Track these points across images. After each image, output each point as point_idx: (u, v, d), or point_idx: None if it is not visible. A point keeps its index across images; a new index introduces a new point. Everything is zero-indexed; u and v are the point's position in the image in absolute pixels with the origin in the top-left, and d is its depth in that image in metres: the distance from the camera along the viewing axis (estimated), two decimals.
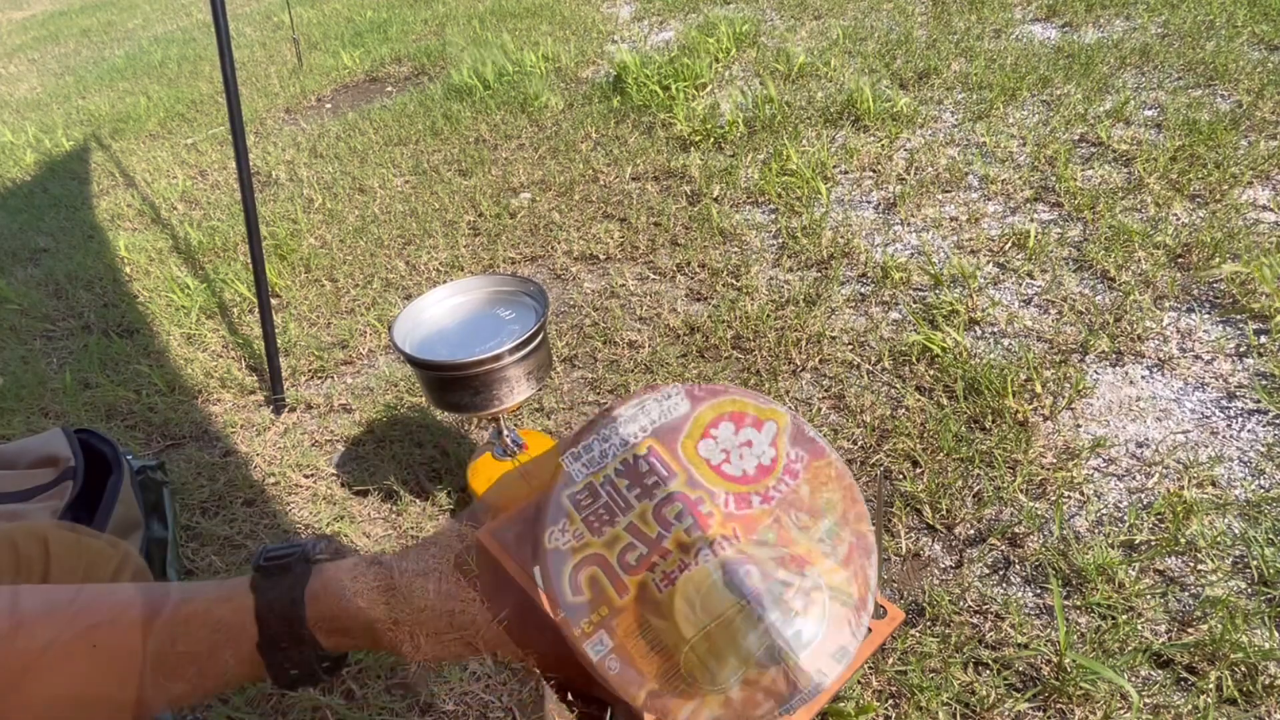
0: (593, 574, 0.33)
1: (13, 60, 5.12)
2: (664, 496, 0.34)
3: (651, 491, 0.34)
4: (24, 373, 1.73)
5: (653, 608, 0.33)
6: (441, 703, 0.97)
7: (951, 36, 2.53)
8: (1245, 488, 1.04)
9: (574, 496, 0.34)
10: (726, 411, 0.36)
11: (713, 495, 0.35)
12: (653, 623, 0.33)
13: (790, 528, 0.35)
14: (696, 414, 0.36)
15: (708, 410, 0.36)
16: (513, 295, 1.12)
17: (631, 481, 0.34)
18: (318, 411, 1.49)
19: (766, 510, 0.35)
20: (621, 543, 0.34)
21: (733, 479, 0.35)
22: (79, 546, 0.69)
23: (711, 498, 0.35)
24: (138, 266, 2.12)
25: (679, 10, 3.34)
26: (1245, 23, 2.24)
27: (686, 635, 0.32)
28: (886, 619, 0.90)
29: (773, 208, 1.84)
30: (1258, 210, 1.53)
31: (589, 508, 0.34)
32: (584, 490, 0.34)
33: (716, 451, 0.35)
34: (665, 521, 0.34)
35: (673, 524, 0.34)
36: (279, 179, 2.50)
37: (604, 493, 0.34)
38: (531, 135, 2.45)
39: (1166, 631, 0.90)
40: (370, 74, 3.40)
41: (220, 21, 1.35)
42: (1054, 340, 1.33)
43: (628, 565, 0.33)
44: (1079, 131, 1.89)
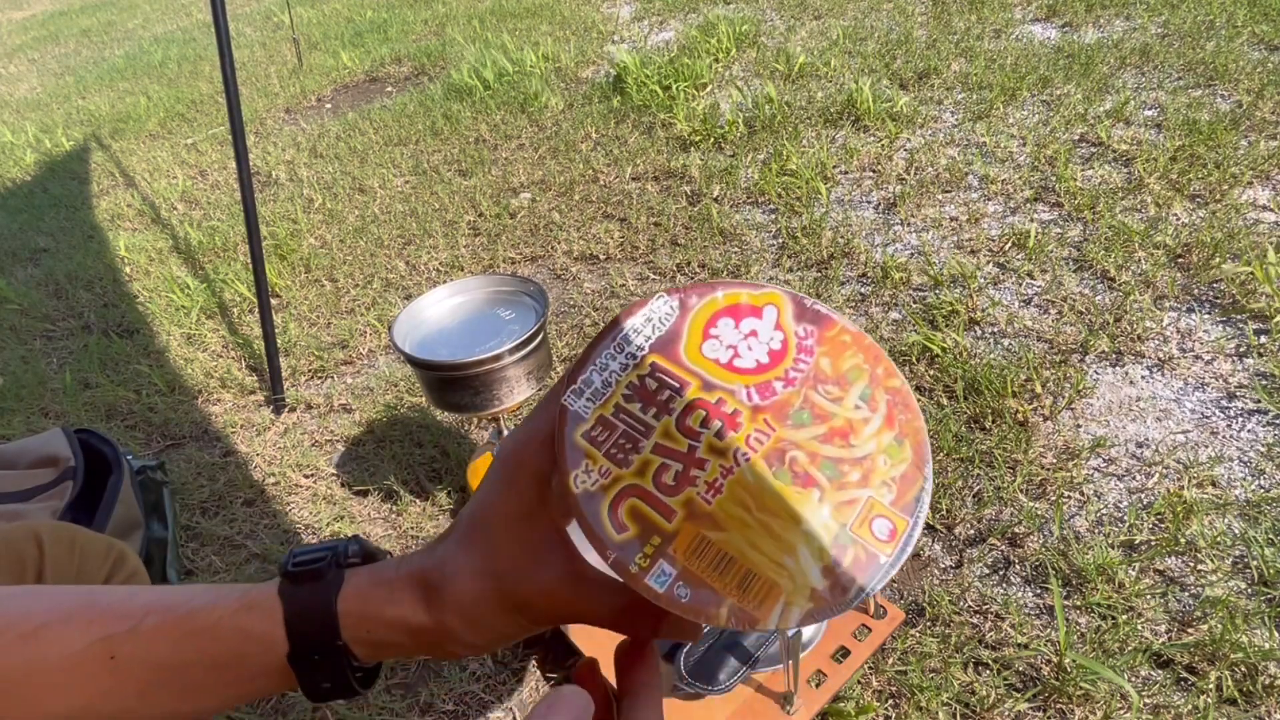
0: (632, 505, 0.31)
1: (13, 60, 5.12)
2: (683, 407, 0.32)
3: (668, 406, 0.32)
4: (24, 373, 1.73)
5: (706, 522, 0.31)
6: (441, 703, 0.97)
7: (951, 36, 2.53)
8: (1245, 488, 1.04)
9: (588, 434, 0.32)
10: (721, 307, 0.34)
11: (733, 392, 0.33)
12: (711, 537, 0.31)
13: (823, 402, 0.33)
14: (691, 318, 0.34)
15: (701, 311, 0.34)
16: (513, 295, 1.12)
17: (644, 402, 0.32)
18: (318, 411, 1.49)
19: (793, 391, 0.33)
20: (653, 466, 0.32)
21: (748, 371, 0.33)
22: (74, 545, 0.69)
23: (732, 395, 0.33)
24: (138, 266, 2.12)
25: (679, 10, 3.34)
26: (1245, 23, 2.24)
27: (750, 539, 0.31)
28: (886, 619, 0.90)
29: (773, 208, 1.85)
30: (1258, 210, 1.53)
31: (607, 441, 0.32)
32: (596, 425, 0.32)
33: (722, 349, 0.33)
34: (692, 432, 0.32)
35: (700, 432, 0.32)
36: (279, 179, 2.50)
37: (618, 421, 0.32)
38: (531, 135, 2.45)
39: (1166, 631, 0.90)
40: (370, 74, 3.40)
41: (220, 21, 1.36)
42: (1054, 340, 1.33)
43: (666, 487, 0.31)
44: (1079, 131, 1.89)
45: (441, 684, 0.98)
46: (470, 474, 1.17)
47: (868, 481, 0.32)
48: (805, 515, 0.31)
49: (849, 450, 0.32)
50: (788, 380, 0.33)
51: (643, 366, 0.33)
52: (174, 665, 0.33)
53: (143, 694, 0.33)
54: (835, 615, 0.30)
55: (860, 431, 0.32)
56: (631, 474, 0.31)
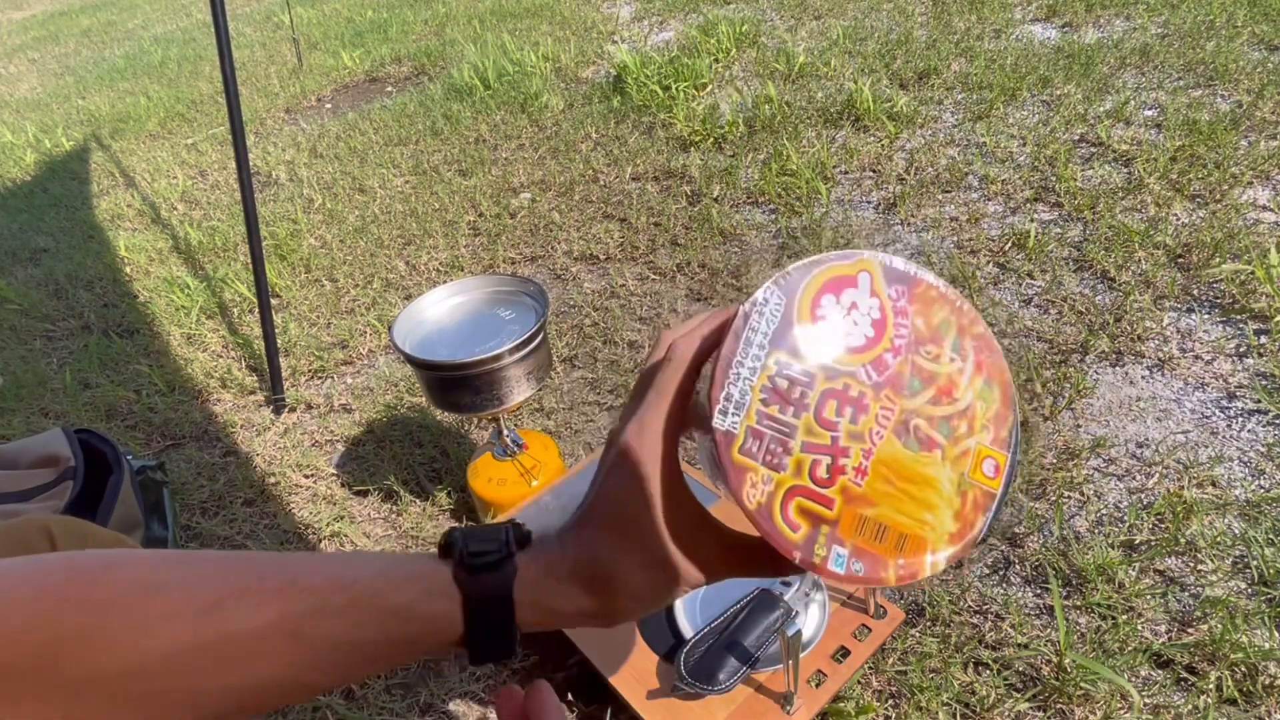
0: (799, 504, 0.35)
1: (13, 60, 5.12)
2: (816, 402, 0.35)
3: (803, 403, 0.35)
4: (24, 373, 1.73)
5: (860, 502, 0.35)
6: (441, 703, 0.97)
7: (951, 36, 2.53)
8: (1245, 488, 1.04)
9: (743, 449, 0.34)
10: (820, 284, 0.36)
11: (854, 375, 0.36)
12: (867, 514, 0.35)
13: (925, 365, 0.36)
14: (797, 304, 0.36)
15: (804, 294, 0.36)
16: (513, 295, 1.12)
17: (781, 404, 0.35)
18: (318, 411, 1.49)
19: (901, 361, 0.36)
20: (806, 464, 0.35)
21: (860, 349, 0.36)
22: (85, 541, 0.69)
23: (854, 378, 0.36)
24: (138, 266, 2.12)
25: (679, 10, 3.34)
26: (1245, 23, 2.24)
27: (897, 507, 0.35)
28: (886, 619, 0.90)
29: (773, 208, 1.85)
30: (1258, 210, 1.53)
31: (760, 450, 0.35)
32: (746, 437, 0.35)
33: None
34: (830, 424, 0.35)
35: (836, 421, 0.35)
36: (279, 179, 2.50)
37: (764, 429, 0.35)
38: (531, 135, 2.45)
39: (1166, 631, 0.90)
40: (370, 74, 3.40)
41: (220, 21, 1.35)
42: (1054, 340, 1.33)
43: (822, 480, 0.35)
44: (1079, 131, 1.89)
45: (441, 684, 0.98)
46: (470, 474, 1.17)
47: (973, 429, 0.36)
48: (934, 476, 0.36)
49: (954, 405, 0.36)
50: (895, 350, 0.36)
51: (769, 367, 0.35)
52: (355, 642, 0.35)
53: (320, 667, 0.35)
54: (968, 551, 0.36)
55: (959, 384, 0.37)
56: (790, 476, 0.35)
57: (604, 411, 1.36)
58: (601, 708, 0.90)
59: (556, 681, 0.96)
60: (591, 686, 0.93)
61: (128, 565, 0.35)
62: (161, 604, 0.34)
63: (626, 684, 0.86)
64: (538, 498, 1.10)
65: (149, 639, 0.33)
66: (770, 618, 0.85)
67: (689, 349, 0.38)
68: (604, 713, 0.90)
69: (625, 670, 0.87)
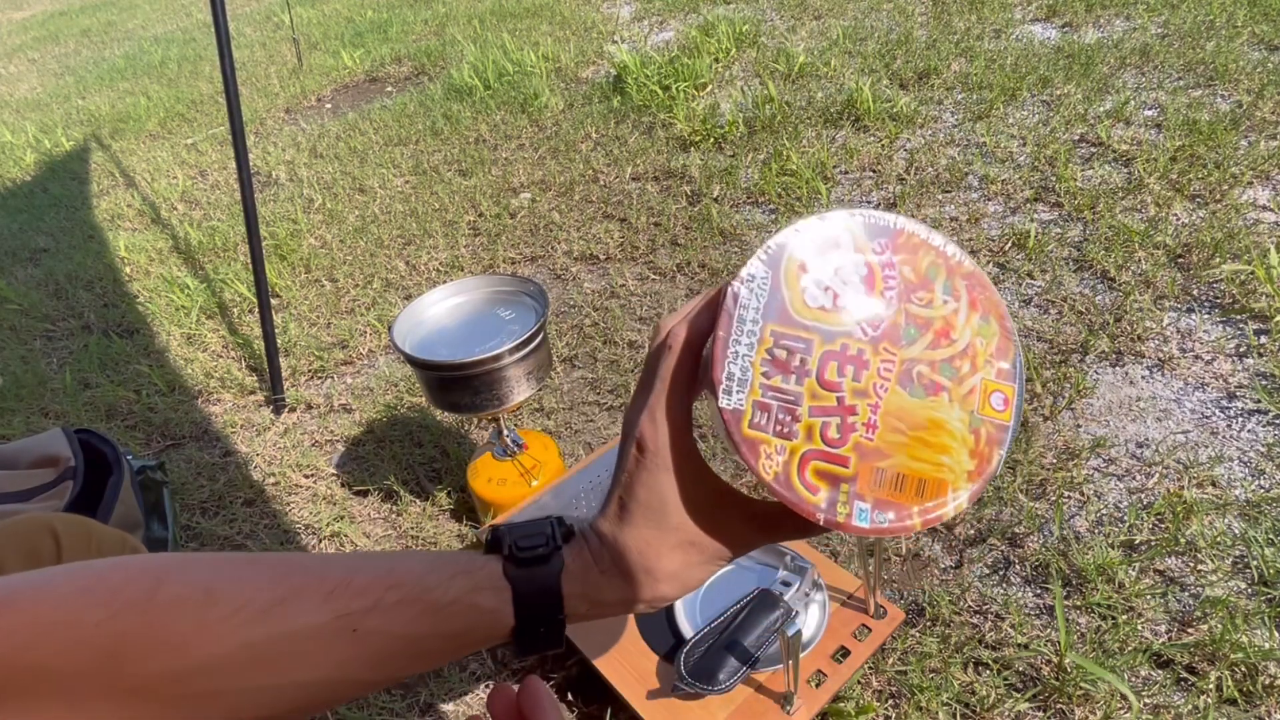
0: (815, 468, 0.35)
1: (13, 60, 5.12)
2: (817, 365, 0.36)
3: (804, 369, 0.36)
4: (24, 373, 1.73)
5: (874, 456, 0.36)
6: (441, 703, 0.97)
7: (951, 36, 2.53)
8: (1245, 488, 1.04)
9: (753, 423, 0.35)
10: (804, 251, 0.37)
11: (849, 333, 0.36)
12: (883, 466, 0.36)
13: (919, 311, 0.37)
14: (785, 272, 0.36)
15: (789, 264, 0.36)
16: (513, 295, 1.12)
17: (783, 373, 0.35)
18: (318, 411, 1.49)
19: (895, 310, 0.37)
20: (816, 428, 0.36)
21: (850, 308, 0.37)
22: (90, 538, 0.69)
23: (849, 335, 0.36)
24: (138, 266, 2.12)
25: (679, 10, 3.34)
26: (1245, 23, 2.24)
27: (912, 454, 0.36)
28: (886, 619, 0.90)
29: (773, 208, 1.85)
30: (1258, 210, 1.53)
31: (770, 423, 0.35)
32: (754, 411, 0.35)
33: (821, 294, 0.36)
34: (833, 385, 0.36)
35: (839, 381, 0.36)
36: (279, 179, 2.50)
37: (770, 400, 0.35)
38: (531, 135, 2.45)
39: (1166, 631, 0.90)
40: (370, 74, 3.40)
41: (220, 21, 1.35)
42: (1054, 340, 1.33)
43: (833, 441, 0.36)
44: (1079, 131, 1.89)
45: (441, 684, 0.98)
46: (470, 474, 1.17)
47: (976, 366, 0.37)
48: (944, 418, 0.36)
49: (954, 346, 0.37)
50: (886, 302, 0.37)
51: (765, 340, 0.36)
52: (409, 636, 0.37)
53: (377, 662, 0.37)
54: (987, 484, 0.37)
55: (956, 325, 0.37)
56: (802, 442, 0.35)
57: (604, 411, 1.36)
58: (601, 708, 0.90)
59: (556, 681, 0.96)
60: (591, 686, 0.93)
61: (187, 569, 0.36)
62: (221, 606, 0.35)
63: (626, 684, 0.86)
64: (538, 498, 1.10)
65: (210, 639, 0.34)
66: (770, 618, 0.85)
67: (686, 333, 0.38)
68: (604, 713, 0.90)
69: (625, 670, 0.87)
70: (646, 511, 0.38)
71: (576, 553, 0.40)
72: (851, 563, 1.03)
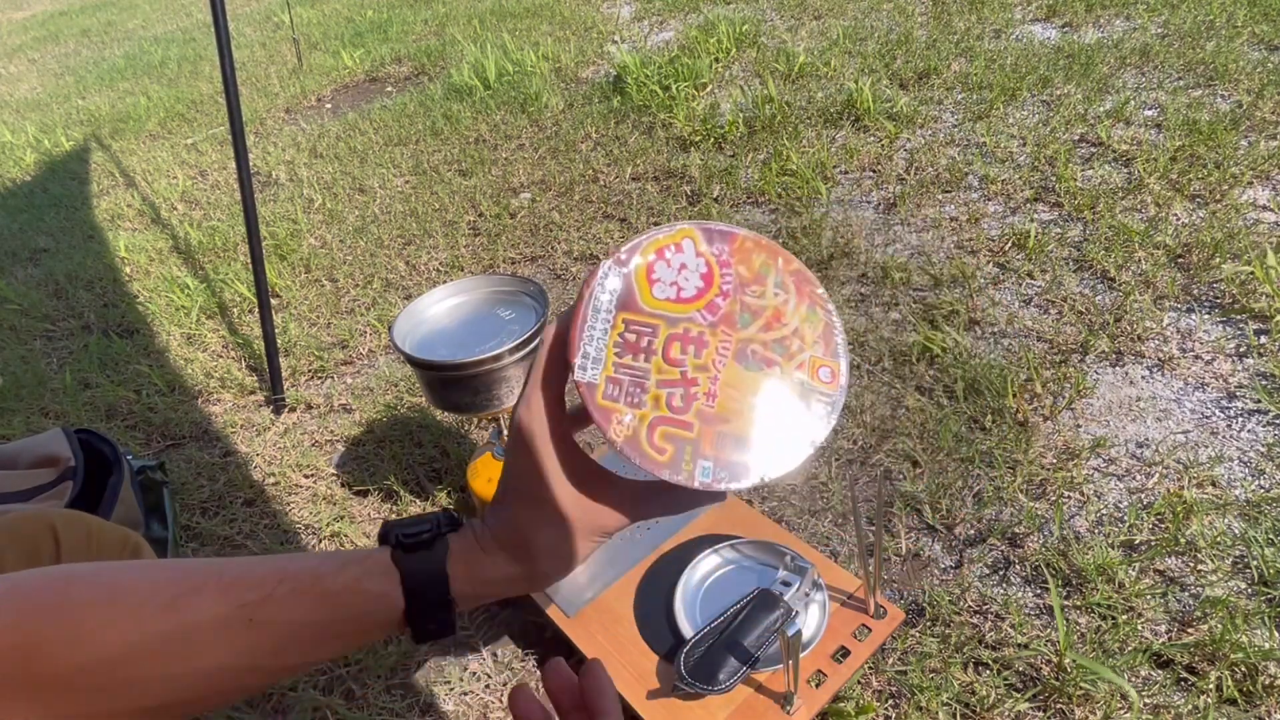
0: (662, 432, 0.40)
1: (13, 60, 5.12)
2: (662, 345, 0.41)
3: (651, 349, 0.41)
4: (24, 373, 1.73)
5: (716, 420, 0.41)
6: (442, 703, 0.97)
7: (951, 36, 2.53)
8: (1245, 488, 1.04)
9: (606, 394, 0.41)
10: (651, 254, 0.42)
11: (691, 319, 0.42)
12: (723, 429, 0.41)
13: (753, 301, 0.43)
14: (634, 272, 0.42)
15: (639, 266, 0.42)
16: (513, 295, 1.12)
17: (634, 353, 0.41)
18: (318, 411, 1.49)
19: (731, 302, 0.42)
20: (662, 398, 0.41)
21: (694, 299, 0.42)
22: (90, 535, 0.69)
23: (692, 321, 0.42)
24: (138, 266, 2.12)
25: (679, 10, 3.34)
26: (1245, 23, 2.24)
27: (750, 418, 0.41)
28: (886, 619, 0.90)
29: (773, 208, 1.85)
30: (1258, 210, 1.53)
31: (620, 394, 0.41)
32: (607, 385, 0.41)
33: (668, 288, 0.42)
34: (676, 361, 0.41)
35: (682, 359, 0.41)
36: (279, 179, 2.50)
37: (621, 376, 0.41)
38: (531, 135, 2.45)
39: (1166, 631, 0.90)
40: (370, 74, 3.40)
41: (220, 21, 1.35)
42: (1054, 340, 1.33)
43: (678, 408, 0.41)
44: (1079, 131, 1.89)
45: (442, 684, 0.98)
46: (470, 474, 1.16)
47: (804, 345, 0.43)
48: (776, 386, 0.42)
49: (784, 329, 0.43)
50: (724, 294, 0.43)
51: (618, 326, 0.41)
52: (304, 623, 0.40)
53: (277, 648, 0.40)
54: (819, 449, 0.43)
55: (786, 312, 0.43)
56: (649, 410, 0.41)
57: None
58: None
59: None
60: None
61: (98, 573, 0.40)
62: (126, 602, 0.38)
63: (626, 684, 0.86)
64: None
65: (116, 633, 0.37)
66: (770, 618, 0.85)
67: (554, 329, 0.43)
68: None
69: (625, 670, 0.87)
70: (523, 491, 0.42)
71: (461, 537, 0.43)
72: (851, 563, 1.04)
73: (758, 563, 0.97)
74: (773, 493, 1.15)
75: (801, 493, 1.15)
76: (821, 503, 1.13)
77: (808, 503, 1.13)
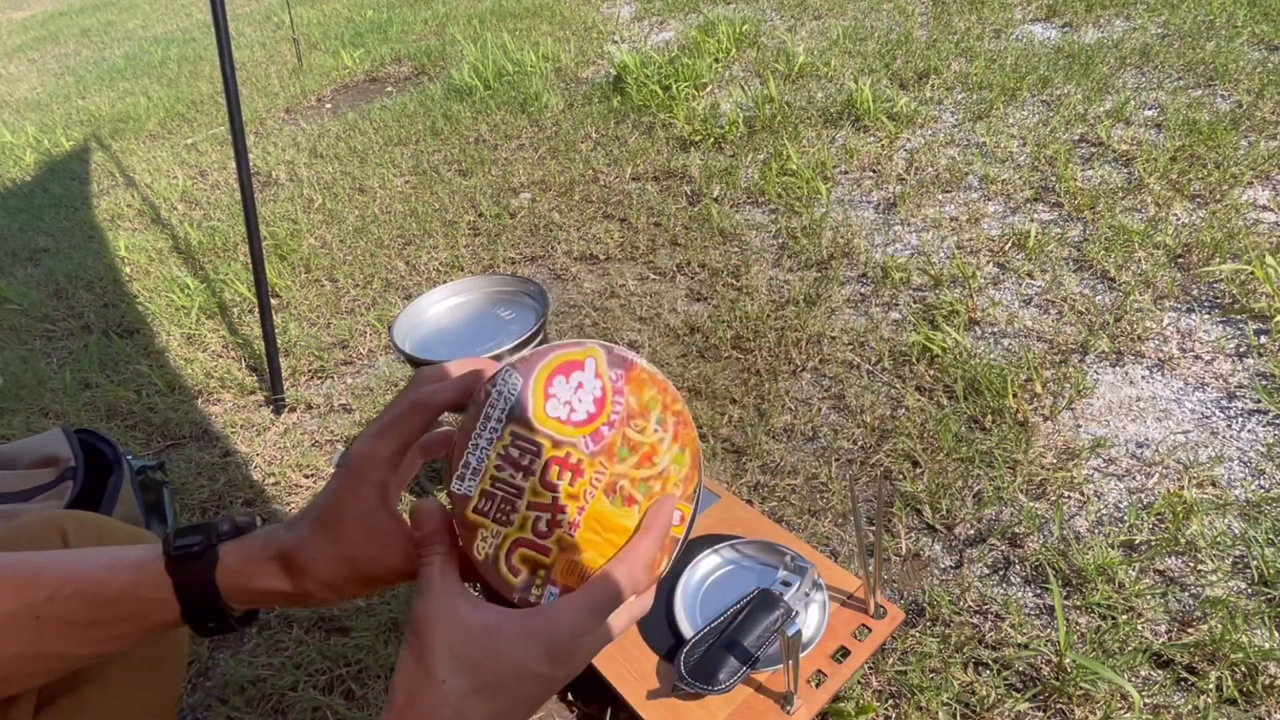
0: (522, 554, 0.42)
1: (13, 60, 5.12)
2: (542, 467, 0.42)
3: (530, 468, 0.42)
4: (24, 373, 1.73)
5: (572, 550, 0.42)
6: None
7: (951, 36, 2.53)
8: (1245, 488, 1.04)
9: (476, 508, 0.41)
10: (553, 368, 0.42)
11: (575, 444, 0.42)
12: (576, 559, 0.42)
13: (634, 436, 0.43)
14: (532, 384, 0.42)
15: (539, 375, 0.42)
16: (513, 295, 1.12)
17: (513, 469, 0.42)
18: (318, 411, 1.49)
19: (615, 433, 0.43)
20: (530, 520, 0.42)
21: (582, 423, 0.42)
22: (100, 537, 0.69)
23: (575, 447, 0.42)
24: (138, 266, 2.12)
25: (679, 10, 3.34)
26: (1245, 23, 2.24)
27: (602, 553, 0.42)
28: (886, 619, 0.90)
29: (773, 208, 1.85)
30: (1258, 210, 1.53)
31: (491, 509, 0.41)
32: (480, 498, 0.41)
33: (561, 407, 0.42)
34: (552, 485, 0.42)
35: (558, 484, 0.42)
36: (279, 179, 2.50)
37: (497, 490, 0.42)
38: (531, 135, 2.45)
39: (1166, 631, 0.90)
40: (370, 74, 3.40)
41: (220, 21, 1.35)
42: (1054, 340, 1.33)
43: (541, 533, 0.42)
44: (1079, 131, 1.89)
45: None
46: None
47: (665, 487, 0.44)
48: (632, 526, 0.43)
49: (653, 468, 0.44)
50: (611, 424, 0.43)
51: (505, 438, 0.42)
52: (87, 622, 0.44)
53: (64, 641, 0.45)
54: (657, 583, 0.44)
55: (659, 451, 0.44)
56: (515, 530, 0.42)
57: None
58: (601, 708, 0.90)
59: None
60: (591, 686, 0.92)
61: None
62: None
63: (626, 684, 0.86)
64: None
65: None
66: (770, 618, 0.85)
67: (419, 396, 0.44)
68: (604, 713, 0.90)
69: (625, 670, 0.87)
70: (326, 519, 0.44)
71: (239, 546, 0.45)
72: (851, 563, 1.03)
73: (758, 563, 0.97)
74: (773, 493, 1.15)
75: (801, 493, 1.15)
76: (821, 503, 1.13)
77: (808, 503, 1.13)
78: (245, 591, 0.45)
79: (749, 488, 1.17)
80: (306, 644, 1.06)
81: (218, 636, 0.48)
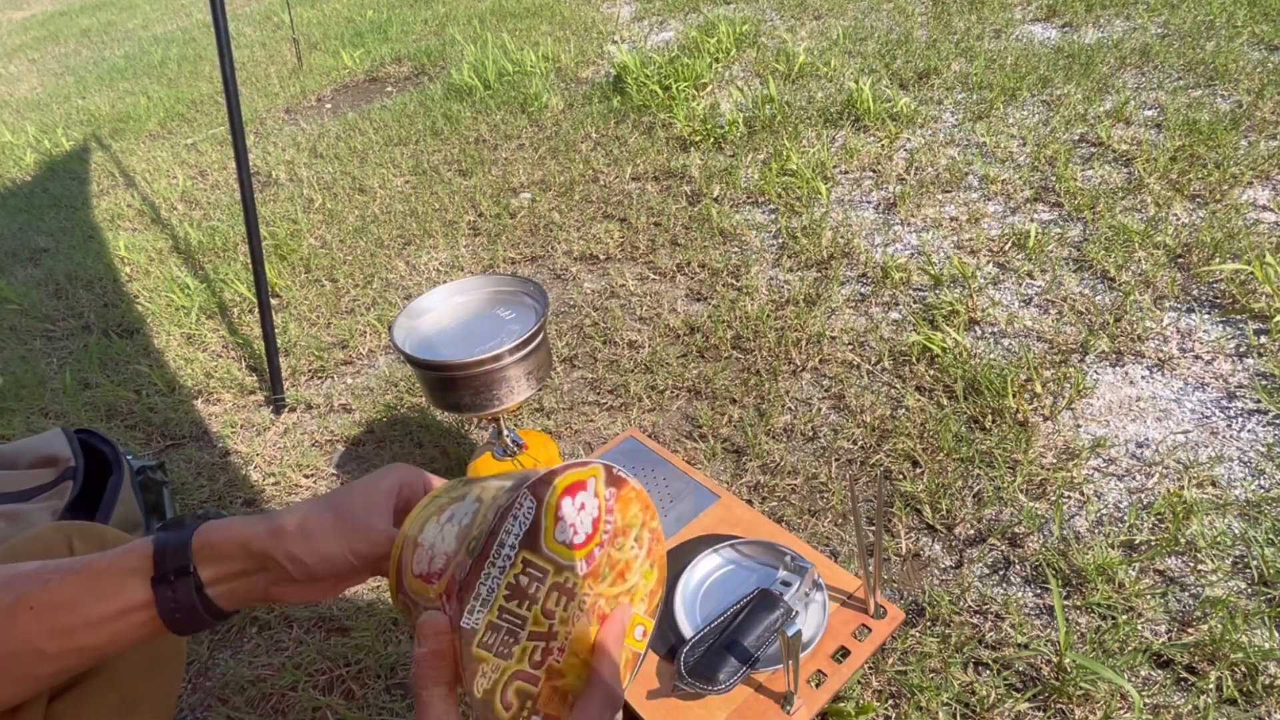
0: (517, 688, 0.41)
1: (13, 60, 5.12)
2: (545, 594, 0.42)
3: (535, 597, 0.41)
4: (24, 373, 1.73)
5: (557, 676, 0.42)
6: None
7: (951, 36, 2.53)
8: (1245, 488, 1.04)
9: (482, 642, 0.40)
10: (563, 489, 0.42)
11: (573, 568, 0.42)
12: (559, 684, 0.42)
13: (616, 555, 0.44)
14: (546, 505, 0.41)
15: (551, 498, 0.42)
16: (513, 295, 1.12)
17: (520, 599, 0.41)
18: (318, 411, 1.49)
19: (603, 553, 0.44)
20: (528, 651, 0.41)
21: (581, 545, 0.43)
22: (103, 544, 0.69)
23: (573, 570, 0.42)
24: (138, 266, 2.12)
25: (679, 10, 3.34)
26: (1245, 23, 2.24)
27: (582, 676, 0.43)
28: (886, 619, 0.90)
29: (773, 208, 1.85)
30: (1258, 210, 1.53)
31: (495, 643, 0.40)
32: (486, 631, 0.40)
33: (567, 530, 0.42)
34: (550, 613, 0.42)
35: (555, 610, 0.42)
36: (279, 179, 2.50)
37: (502, 623, 0.41)
38: (531, 135, 2.45)
39: (1166, 631, 0.90)
40: (370, 74, 3.40)
41: (220, 21, 1.35)
42: (1054, 340, 1.33)
43: (536, 663, 0.42)
44: (1079, 131, 1.89)
45: None
46: (470, 474, 1.17)
47: (633, 601, 0.45)
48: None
49: (624, 585, 0.45)
50: (601, 545, 0.44)
51: (516, 565, 0.41)
52: (72, 602, 0.47)
53: (52, 633, 0.46)
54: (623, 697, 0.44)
55: (633, 567, 0.45)
56: (514, 663, 0.41)
57: (604, 411, 1.36)
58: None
59: None
60: None
61: None
62: None
63: None
64: None
65: None
66: (770, 618, 0.85)
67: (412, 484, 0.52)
68: None
69: None
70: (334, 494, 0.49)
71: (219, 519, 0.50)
72: (851, 563, 1.03)
73: (758, 563, 0.97)
74: (772, 493, 1.15)
75: (801, 493, 1.15)
76: (821, 503, 1.13)
77: (808, 503, 1.13)
78: (216, 547, 0.48)
79: (749, 488, 1.17)
80: (306, 644, 1.06)
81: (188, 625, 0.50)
